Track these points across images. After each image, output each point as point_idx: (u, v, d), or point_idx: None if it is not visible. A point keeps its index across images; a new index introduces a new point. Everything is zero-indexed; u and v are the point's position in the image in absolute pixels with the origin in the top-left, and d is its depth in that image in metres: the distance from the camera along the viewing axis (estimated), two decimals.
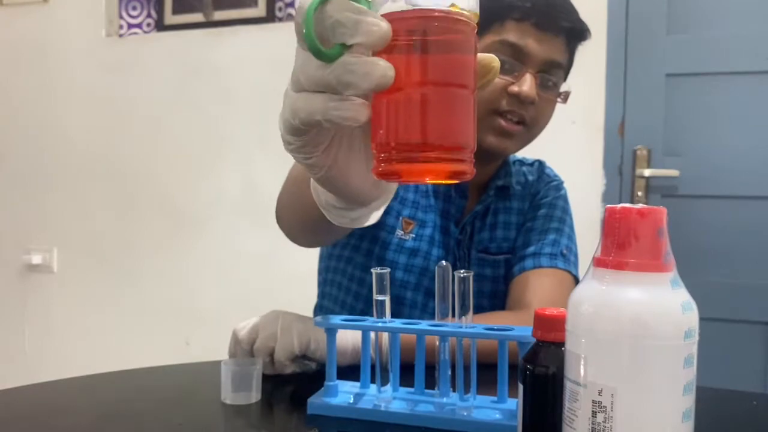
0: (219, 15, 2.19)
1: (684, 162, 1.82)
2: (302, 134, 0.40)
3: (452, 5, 0.36)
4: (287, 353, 0.75)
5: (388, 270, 0.66)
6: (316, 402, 0.68)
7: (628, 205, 0.43)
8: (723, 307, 1.77)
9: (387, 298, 0.66)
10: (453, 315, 0.64)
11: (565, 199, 1.07)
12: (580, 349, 0.43)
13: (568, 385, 0.44)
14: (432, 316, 1.00)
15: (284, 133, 0.41)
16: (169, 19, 2.26)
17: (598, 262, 0.44)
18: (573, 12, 0.94)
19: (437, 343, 0.66)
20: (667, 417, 0.42)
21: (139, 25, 2.31)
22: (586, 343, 0.43)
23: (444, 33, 0.36)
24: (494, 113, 0.90)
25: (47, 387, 0.76)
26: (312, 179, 0.49)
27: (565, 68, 0.96)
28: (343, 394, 0.69)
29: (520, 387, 0.52)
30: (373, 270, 0.65)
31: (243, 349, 0.77)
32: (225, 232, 2.17)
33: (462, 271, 0.63)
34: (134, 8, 2.31)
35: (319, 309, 1.11)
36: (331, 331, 0.69)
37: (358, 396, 0.69)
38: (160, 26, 2.28)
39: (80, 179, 2.37)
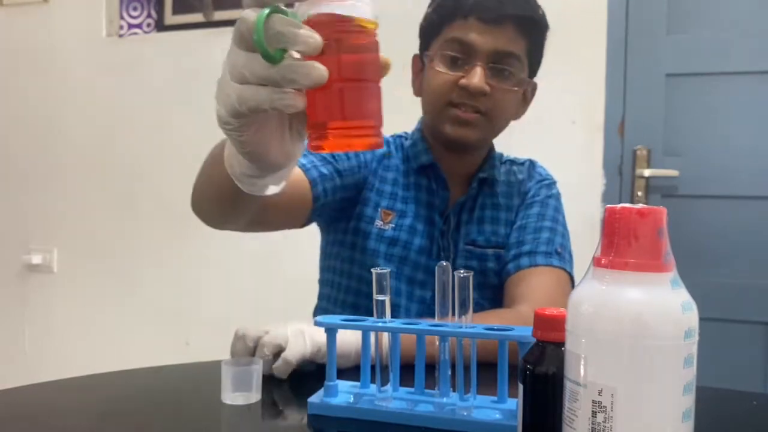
0: (219, 15, 2.19)
1: (684, 162, 1.82)
2: (244, 117, 0.49)
3: (358, 18, 0.47)
4: (298, 355, 0.75)
5: (388, 270, 0.66)
6: (316, 402, 0.68)
7: (628, 205, 0.43)
8: (723, 307, 1.77)
9: (387, 298, 0.66)
10: (453, 314, 0.64)
11: (557, 198, 1.07)
12: (580, 349, 0.43)
13: (568, 385, 0.45)
14: (418, 304, 1.01)
15: (226, 116, 0.50)
16: (170, 19, 2.26)
17: (598, 262, 0.44)
18: (521, 0, 0.96)
19: (437, 343, 0.66)
20: (667, 417, 0.42)
21: (139, 26, 2.31)
22: (586, 343, 0.43)
23: (356, 41, 0.47)
24: (449, 105, 0.95)
25: (47, 387, 0.76)
26: (227, 154, 0.59)
27: (525, 57, 0.97)
28: (343, 394, 0.69)
29: (520, 387, 0.52)
30: (372, 270, 0.65)
31: (247, 345, 0.76)
32: (225, 233, 2.17)
33: (462, 271, 0.63)
34: (134, 8, 2.32)
35: (318, 310, 1.12)
36: (331, 331, 0.69)
37: (358, 396, 0.69)
38: (161, 26, 2.28)
39: (80, 179, 2.37)
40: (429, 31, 0.99)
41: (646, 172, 1.83)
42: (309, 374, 0.78)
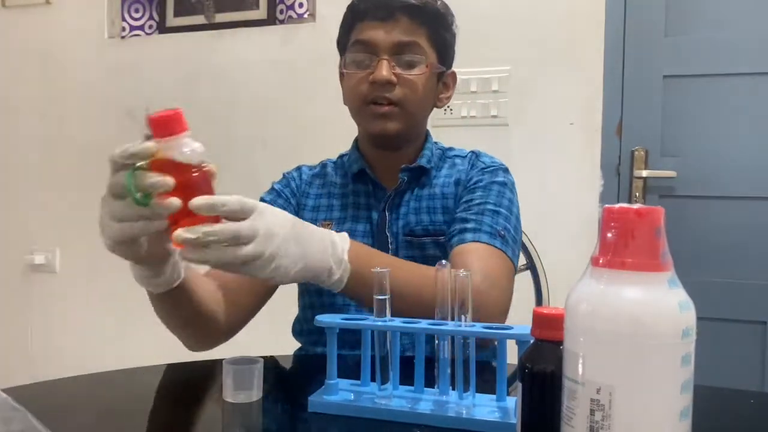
0: (220, 17, 2.19)
1: (681, 163, 1.83)
2: (126, 244, 0.67)
3: (201, 162, 0.63)
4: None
5: (388, 270, 0.67)
6: (316, 400, 0.68)
7: (626, 204, 0.43)
8: (720, 306, 1.77)
9: (387, 298, 0.67)
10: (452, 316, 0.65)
11: (503, 184, 1.05)
12: (579, 347, 0.44)
13: (567, 384, 0.45)
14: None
15: (113, 246, 0.68)
16: (171, 21, 2.26)
17: (595, 262, 0.44)
18: None
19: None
20: (664, 415, 0.42)
21: (141, 27, 2.31)
22: (584, 341, 0.43)
23: (192, 178, 0.62)
24: (366, 103, 1.01)
25: (50, 386, 0.76)
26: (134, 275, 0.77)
27: (428, 44, 1.02)
28: (343, 392, 0.70)
29: (519, 385, 0.52)
30: (372, 270, 0.66)
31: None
32: None
33: (461, 271, 0.63)
34: (136, 10, 2.32)
35: (296, 321, 1.14)
36: (331, 331, 0.70)
37: (358, 394, 0.69)
38: (162, 28, 2.28)
39: (82, 180, 2.37)
40: (341, 42, 1.08)
41: (644, 173, 1.83)
42: (310, 372, 0.78)
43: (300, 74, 2.11)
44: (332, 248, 0.76)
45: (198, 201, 0.62)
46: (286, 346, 1.12)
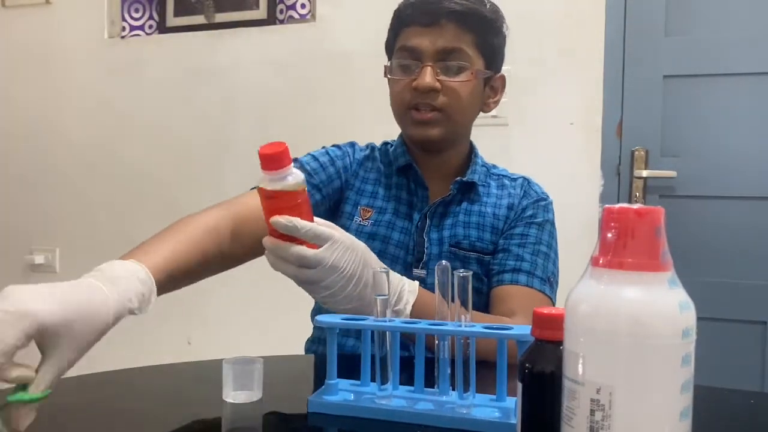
0: (220, 17, 2.19)
1: (681, 163, 1.83)
2: None
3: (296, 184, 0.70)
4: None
5: (388, 269, 0.67)
6: (316, 400, 0.68)
7: (626, 204, 0.43)
8: (720, 306, 1.77)
9: (386, 298, 0.67)
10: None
11: (552, 223, 1.09)
12: (579, 347, 0.44)
13: (567, 384, 0.45)
14: None
15: None
16: (171, 21, 2.27)
17: (596, 262, 0.44)
18: None
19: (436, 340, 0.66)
20: (664, 415, 0.42)
21: (141, 27, 2.31)
22: (584, 341, 0.43)
23: (296, 201, 0.70)
24: (409, 109, 1.01)
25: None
26: None
27: (474, 50, 1.01)
28: (343, 392, 0.70)
29: (519, 385, 0.52)
30: (372, 270, 0.66)
31: None
32: None
33: (461, 271, 0.63)
34: (136, 10, 2.32)
35: (315, 309, 1.14)
36: (331, 331, 0.70)
37: (358, 394, 0.69)
38: (162, 28, 2.28)
39: (82, 180, 2.37)
40: (387, 46, 1.08)
41: (644, 173, 1.83)
42: (310, 372, 0.78)
43: (300, 74, 2.11)
44: (396, 301, 0.79)
45: (276, 219, 0.69)
46: (297, 343, 1.13)
